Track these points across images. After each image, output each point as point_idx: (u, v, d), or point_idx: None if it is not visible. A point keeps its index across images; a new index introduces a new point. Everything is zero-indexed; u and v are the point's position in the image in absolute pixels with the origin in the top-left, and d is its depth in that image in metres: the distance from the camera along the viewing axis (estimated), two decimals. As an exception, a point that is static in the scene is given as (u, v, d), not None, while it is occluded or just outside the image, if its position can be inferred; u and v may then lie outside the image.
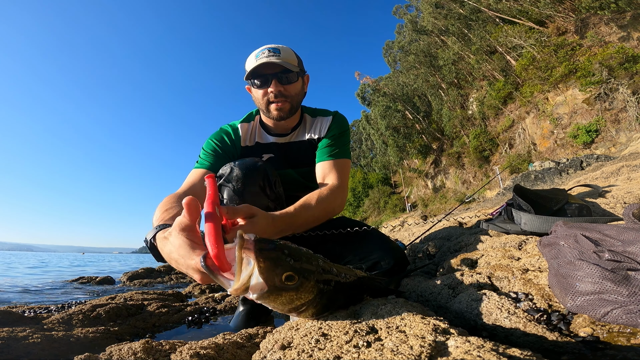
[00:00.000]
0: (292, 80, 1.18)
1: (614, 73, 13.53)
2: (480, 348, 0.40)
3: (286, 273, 0.52)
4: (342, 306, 0.69)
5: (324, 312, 0.64)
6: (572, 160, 10.49)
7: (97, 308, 1.32)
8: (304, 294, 0.56)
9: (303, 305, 0.58)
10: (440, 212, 18.08)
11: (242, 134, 1.28)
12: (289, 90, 1.17)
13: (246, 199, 0.99)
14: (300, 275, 0.54)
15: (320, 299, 0.60)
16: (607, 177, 2.59)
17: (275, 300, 0.54)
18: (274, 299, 0.54)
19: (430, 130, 28.27)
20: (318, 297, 0.59)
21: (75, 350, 0.85)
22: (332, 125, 1.30)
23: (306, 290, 0.56)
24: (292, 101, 1.20)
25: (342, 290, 0.66)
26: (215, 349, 0.75)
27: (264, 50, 1.15)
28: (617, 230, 0.69)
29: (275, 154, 1.30)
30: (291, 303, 0.56)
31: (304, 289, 0.56)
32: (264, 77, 1.15)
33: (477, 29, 21.58)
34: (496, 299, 0.69)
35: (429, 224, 3.39)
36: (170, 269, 4.65)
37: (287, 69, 1.14)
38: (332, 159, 1.21)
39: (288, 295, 0.54)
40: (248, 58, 1.19)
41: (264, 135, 1.31)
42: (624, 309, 0.52)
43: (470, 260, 1.20)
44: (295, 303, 0.57)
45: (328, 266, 0.64)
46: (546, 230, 1.22)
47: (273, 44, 1.18)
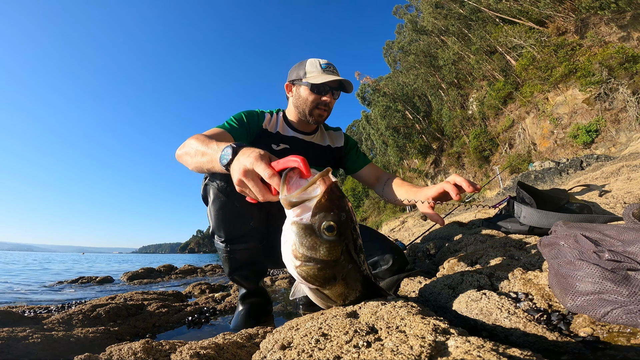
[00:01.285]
0: (337, 97, 1.39)
1: (614, 73, 13.53)
2: (480, 348, 0.40)
3: (330, 223, 0.56)
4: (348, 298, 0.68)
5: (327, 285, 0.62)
6: (572, 160, 10.49)
7: (97, 308, 1.32)
8: (328, 250, 0.58)
9: (319, 263, 0.59)
10: (441, 212, 18.08)
11: (265, 120, 1.41)
12: (332, 103, 1.38)
13: (231, 195, 1.04)
14: (337, 234, 0.57)
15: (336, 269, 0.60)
16: (607, 177, 2.59)
17: (303, 236, 0.57)
18: (303, 234, 0.57)
19: (430, 130, 28.26)
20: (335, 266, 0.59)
21: (75, 350, 0.85)
22: (347, 139, 1.59)
23: (331, 249, 0.58)
24: (329, 113, 1.40)
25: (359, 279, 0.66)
26: (215, 349, 0.74)
27: (329, 65, 1.34)
28: (617, 230, 0.69)
29: (291, 147, 1.40)
30: (313, 250, 0.57)
31: (331, 247, 0.58)
32: (324, 87, 1.31)
33: (477, 29, 21.57)
34: (496, 299, 0.69)
35: (429, 224, 3.39)
36: (170, 269, 4.65)
37: (343, 87, 1.36)
38: (370, 162, 1.54)
39: (315, 241, 0.57)
40: (308, 63, 1.34)
41: (286, 129, 1.44)
42: (624, 309, 0.52)
43: (470, 260, 1.20)
44: (315, 254, 0.58)
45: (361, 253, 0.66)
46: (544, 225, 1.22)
47: (326, 60, 1.37)
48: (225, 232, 1.12)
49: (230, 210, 1.09)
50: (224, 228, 1.11)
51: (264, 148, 1.17)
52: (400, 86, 29.35)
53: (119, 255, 51.97)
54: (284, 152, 1.36)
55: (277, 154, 1.40)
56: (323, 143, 1.51)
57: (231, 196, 1.06)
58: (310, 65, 1.34)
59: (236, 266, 1.19)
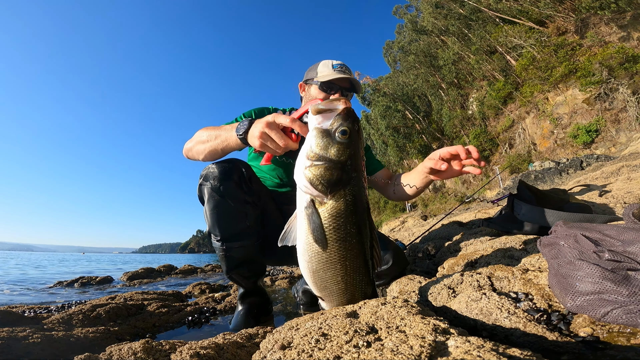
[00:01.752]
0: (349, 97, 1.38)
1: (614, 73, 13.52)
2: (480, 348, 0.40)
3: (344, 127, 0.65)
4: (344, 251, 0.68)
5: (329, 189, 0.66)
6: (572, 160, 10.49)
7: (97, 308, 1.32)
8: (338, 150, 0.65)
9: (328, 162, 0.65)
10: (440, 212, 18.08)
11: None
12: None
13: (224, 195, 1.07)
14: (348, 138, 0.65)
15: (342, 173, 0.65)
16: (607, 177, 2.59)
17: (319, 138, 0.66)
18: (320, 136, 0.66)
19: (430, 130, 28.24)
20: (342, 169, 0.65)
21: (75, 350, 0.85)
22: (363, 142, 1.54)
23: (341, 151, 0.65)
24: None
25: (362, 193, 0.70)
26: (215, 349, 0.74)
27: (341, 65, 1.34)
28: (617, 230, 0.69)
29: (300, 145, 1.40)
30: (325, 150, 0.65)
31: (341, 148, 0.65)
32: (333, 86, 1.32)
33: (477, 29, 21.55)
34: (496, 299, 0.69)
35: (429, 224, 3.39)
36: (171, 269, 4.66)
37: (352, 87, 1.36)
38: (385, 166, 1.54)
39: (329, 142, 0.65)
40: (322, 64, 1.37)
41: None
42: (624, 309, 0.52)
43: (470, 260, 1.20)
44: (326, 153, 0.65)
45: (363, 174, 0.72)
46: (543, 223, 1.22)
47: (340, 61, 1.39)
48: (220, 231, 1.14)
49: (224, 209, 1.10)
50: (219, 227, 1.13)
51: None
52: (400, 86, 29.34)
53: (119, 255, 51.98)
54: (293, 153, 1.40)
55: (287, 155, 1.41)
56: None
57: (225, 195, 1.08)
58: (322, 65, 1.36)
59: (233, 264, 1.20)
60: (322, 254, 0.67)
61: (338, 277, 0.68)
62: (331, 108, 0.67)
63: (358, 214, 0.67)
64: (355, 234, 0.67)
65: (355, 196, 0.66)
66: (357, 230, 0.67)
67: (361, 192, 0.68)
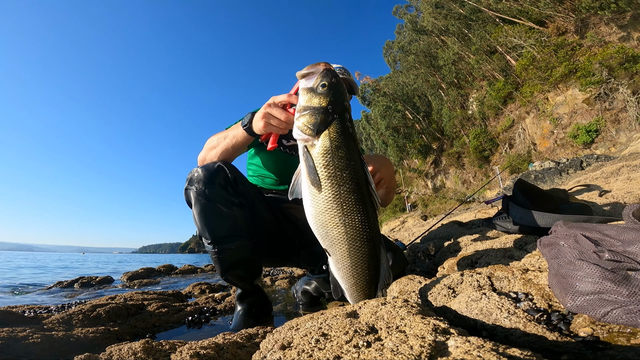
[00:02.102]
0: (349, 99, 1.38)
1: (614, 73, 13.51)
2: (480, 348, 0.40)
3: (324, 81, 0.74)
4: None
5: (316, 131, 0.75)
6: (572, 160, 10.48)
7: (97, 308, 1.32)
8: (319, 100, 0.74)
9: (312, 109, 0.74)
10: (440, 212, 18.08)
11: None
12: None
13: (210, 198, 1.08)
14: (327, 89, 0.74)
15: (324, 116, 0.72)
16: (607, 177, 2.59)
17: (305, 94, 0.76)
18: (305, 93, 0.76)
19: (430, 130, 28.23)
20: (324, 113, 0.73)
21: (75, 350, 0.85)
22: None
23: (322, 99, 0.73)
24: None
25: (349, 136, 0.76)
26: (215, 349, 0.74)
27: (339, 67, 1.37)
28: (617, 230, 0.69)
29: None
30: (310, 101, 0.75)
31: (322, 98, 0.74)
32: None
33: (477, 29, 21.54)
34: (496, 299, 0.69)
35: (429, 224, 3.39)
36: (171, 269, 4.66)
37: (350, 89, 1.37)
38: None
39: (312, 95, 0.74)
40: None
41: None
42: (624, 309, 0.52)
43: (470, 260, 1.20)
44: (310, 103, 0.74)
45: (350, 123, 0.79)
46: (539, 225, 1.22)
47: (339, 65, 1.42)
48: (210, 234, 1.13)
49: (212, 212, 1.11)
50: (209, 230, 1.13)
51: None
52: (400, 86, 29.34)
53: (119, 255, 51.94)
54: (294, 147, 1.42)
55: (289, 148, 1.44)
56: None
57: (211, 199, 1.08)
58: None
59: (227, 266, 1.20)
60: (319, 195, 0.70)
61: (336, 219, 0.70)
62: (313, 71, 0.78)
63: (345, 149, 0.72)
64: (345, 167, 0.71)
65: (340, 133, 0.73)
66: (347, 164, 0.71)
67: (345, 130, 0.74)
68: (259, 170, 1.50)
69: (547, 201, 1.38)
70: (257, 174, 1.52)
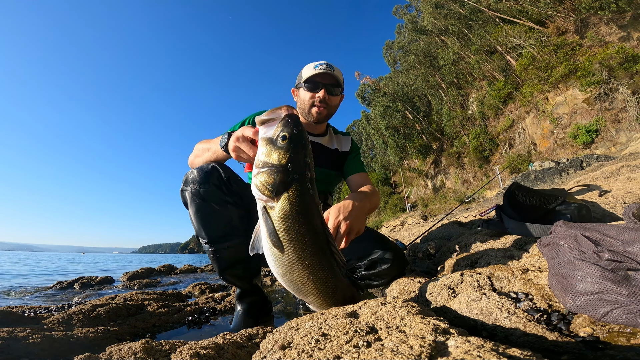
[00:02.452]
0: (336, 93, 1.41)
1: (614, 73, 13.51)
2: (480, 348, 0.40)
3: (284, 133, 0.68)
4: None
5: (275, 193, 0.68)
6: (572, 160, 10.49)
7: (97, 308, 1.32)
8: (279, 155, 0.68)
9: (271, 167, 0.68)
10: (440, 212, 18.08)
11: None
12: (331, 100, 1.40)
13: (205, 197, 1.10)
14: (288, 143, 0.68)
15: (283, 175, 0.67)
16: (607, 177, 2.59)
17: (263, 146, 0.70)
18: (264, 145, 0.70)
19: (430, 130, 28.24)
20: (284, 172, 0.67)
21: (75, 350, 0.85)
22: (353, 145, 1.61)
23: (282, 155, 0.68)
24: (330, 111, 1.42)
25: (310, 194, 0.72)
26: (215, 349, 0.74)
27: (322, 63, 1.37)
28: (617, 230, 0.69)
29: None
30: (268, 156, 0.69)
31: (282, 153, 0.68)
32: (317, 84, 1.36)
33: (477, 29, 21.54)
34: (496, 299, 0.69)
35: (429, 224, 3.39)
36: (171, 269, 4.66)
37: (336, 83, 1.38)
38: (363, 171, 1.53)
39: (271, 149, 0.69)
40: (306, 67, 1.41)
41: None
42: (624, 309, 0.52)
43: (470, 260, 1.20)
44: (269, 159, 0.69)
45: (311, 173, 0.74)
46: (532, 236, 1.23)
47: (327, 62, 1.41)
48: (207, 233, 1.16)
49: (207, 212, 1.13)
50: (205, 229, 1.15)
51: None
52: (400, 86, 29.33)
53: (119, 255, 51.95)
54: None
55: None
56: (331, 146, 1.55)
57: (206, 198, 1.11)
58: (306, 68, 1.41)
59: (225, 265, 1.21)
60: (283, 257, 0.70)
61: (304, 278, 0.71)
62: (273, 117, 0.71)
63: (306, 213, 0.69)
64: (306, 232, 0.69)
65: (300, 196, 0.68)
66: (308, 229, 0.69)
67: (305, 192, 0.69)
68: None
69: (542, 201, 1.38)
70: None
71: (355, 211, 1.00)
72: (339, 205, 1.01)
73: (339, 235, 0.93)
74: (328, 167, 1.52)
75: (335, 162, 1.55)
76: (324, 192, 1.57)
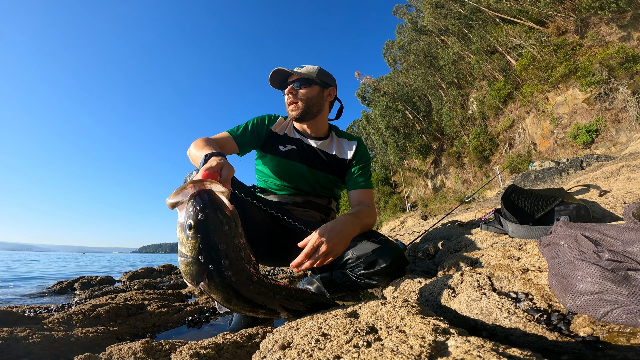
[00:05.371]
0: (303, 84, 1.39)
1: (614, 73, 13.51)
2: (480, 348, 0.40)
3: (189, 221, 0.62)
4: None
5: (194, 281, 0.65)
6: (572, 160, 10.49)
7: (97, 308, 1.32)
8: (189, 246, 0.63)
9: (185, 257, 0.64)
10: (440, 212, 18.08)
11: (276, 123, 1.52)
12: (301, 94, 1.39)
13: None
14: (194, 232, 0.62)
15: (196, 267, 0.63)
16: (607, 177, 2.59)
17: (179, 232, 0.65)
18: (179, 231, 0.65)
19: (430, 130, 28.24)
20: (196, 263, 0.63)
21: (75, 350, 0.85)
22: (358, 152, 1.50)
23: (190, 246, 0.63)
24: (305, 104, 1.39)
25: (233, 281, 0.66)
26: (215, 349, 0.75)
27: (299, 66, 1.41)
28: (617, 230, 0.69)
29: (297, 148, 1.47)
30: (182, 245, 0.65)
31: (190, 244, 0.63)
32: (283, 85, 1.41)
33: (477, 28, 21.54)
34: (496, 299, 0.69)
35: (429, 224, 3.39)
36: (171, 269, 4.67)
37: (301, 77, 1.37)
38: (365, 188, 1.44)
39: (183, 237, 0.64)
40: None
41: (292, 132, 1.53)
42: (624, 309, 0.52)
43: (470, 260, 1.20)
44: (183, 249, 0.64)
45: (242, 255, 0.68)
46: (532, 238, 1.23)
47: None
48: None
49: None
50: None
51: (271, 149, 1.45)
52: (400, 86, 29.33)
53: (119, 255, 51.95)
54: (290, 153, 1.46)
55: (284, 154, 1.48)
56: (330, 151, 1.51)
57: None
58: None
59: None
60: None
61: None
62: (180, 198, 0.64)
63: (235, 298, 0.67)
64: (244, 309, 0.70)
65: (220, 286, 0.65)
66: (244, 308, 0.70)
67: (224, 281, 0.65)
68: (263, 176, 1.56)
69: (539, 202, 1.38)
70: (262, 179, 1.58)
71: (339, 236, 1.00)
72: (327, 226, 1.01)
73: (317, 254, 0.94)
74: (325, 171, 1.49)
75: (334, 167, 1.50)
76: (326, 196, 1.55)
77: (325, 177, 1.49)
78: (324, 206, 1.55)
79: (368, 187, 1.45)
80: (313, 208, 1.50)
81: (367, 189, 1.44)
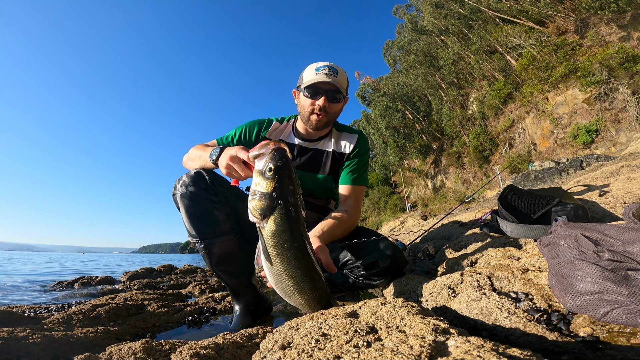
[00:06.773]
0: (338, 100, 1.37)
1: (614, 73, 13.52)
2: (480, 348, 0.40)
3: (270, 165, 0.79)
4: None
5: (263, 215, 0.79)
6: (572, 160, 10.48)
7: (97, 308, 1.32)
8: (267, 184, 0.79)
9: (260, 195, 0.79)
10: (440, 212, 18.07)
11: (271, 129, 1.50)
12: (332, 108, 1.36)
13: (192, 197, 1.18)
14: (274, 174, 0.79)
15: (270, 201, 0.78)
16: (607, 177, 2.59)
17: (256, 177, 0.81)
18: (256, 176, 0.81)
19: (430, 130, 28.24)
20: (270, 199, 0.78)
21: (75, 350, 0.85)
22: (357, 146, 1.48)
23: (269, 184, 0.79)
24: (330, 118, 1.39)
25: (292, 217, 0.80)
26: (215, 349, 0.75)
27: (325, 67, 1.33)
28: (617, 230, 0.69)
29: (294, 154, 1.47)
30: (259, 185, 0.80)
31: (269, 182, 0.79)
32: (317, 90, 1.33)
33: (477, 29, 21.55)
34: (496, 299, 0.69)
35: (429, 224, 3.39)
36: (171, 269, 4.66)
37: (338, 90, 1.34)
38: (354, 184, 1.41)
39: (261, 179, 0.80)
40: (307, 68, 1.37)
41: (291, 137, 1.51)
42: (624, 308, 0.52)
43: (470, 260, 1.20)
44: (259, 188, 0.80)
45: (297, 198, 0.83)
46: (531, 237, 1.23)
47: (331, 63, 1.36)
48: (197, 231, 1.22)
49: (195, 210, 1.20)
50: (195, 227, 1.21)
51: None
52: (400, 86, 29.33)
53: (119, 255, 51.95)
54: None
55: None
56: (328, 148, 1.48)
57: (193, 198, 1.18)
58: (307, 70, 1.37)
59: (216, 260, 1.25)
60: (273, 269, 0.82)
61: (290, 287, 0.83)
62: (263, 151, 0.82)
63: (289, 232, 0.81)
64: (290, 248, 0.81)
65: (283, 218, 0.80)
66: (291, 245, 0.81)
67: (288, 214, 0.80)
68: None
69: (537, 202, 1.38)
70: None
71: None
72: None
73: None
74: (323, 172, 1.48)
75: (333, 165, 1.47)
76: (324, 197, 1.54)
77: (324, 178, 1.48)
78: (321, 206, 1.54)
79: (358, 184, 1.42)
80: (309, 209, 1.50)
81: (356, 186, 1.41)
